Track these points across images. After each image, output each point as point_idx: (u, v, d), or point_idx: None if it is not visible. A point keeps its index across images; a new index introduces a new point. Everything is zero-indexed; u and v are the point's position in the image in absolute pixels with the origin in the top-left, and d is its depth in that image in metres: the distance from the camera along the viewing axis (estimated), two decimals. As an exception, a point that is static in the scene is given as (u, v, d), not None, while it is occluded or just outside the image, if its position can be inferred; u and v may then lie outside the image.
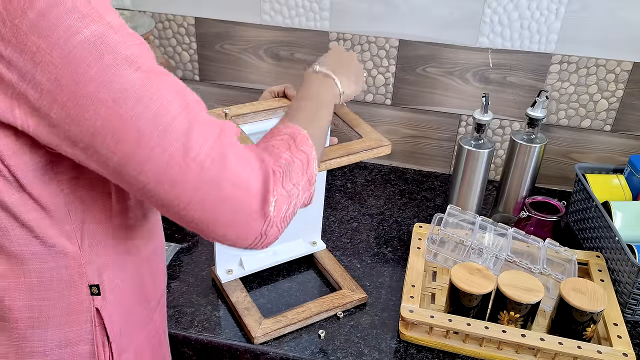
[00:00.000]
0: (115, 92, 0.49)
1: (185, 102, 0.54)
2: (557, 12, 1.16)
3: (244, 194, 0.55)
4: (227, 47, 1.35)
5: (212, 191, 0.54)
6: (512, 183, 1.17)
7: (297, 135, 0.64)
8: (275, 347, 0.90)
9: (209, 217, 0.55)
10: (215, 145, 0.54)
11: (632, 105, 1.22)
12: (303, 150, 0.63)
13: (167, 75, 0.54)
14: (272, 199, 0.57)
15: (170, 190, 0.53)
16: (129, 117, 0.50)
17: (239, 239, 0.57)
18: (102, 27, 0.49)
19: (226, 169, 0.54)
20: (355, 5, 1.24)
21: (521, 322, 0.88)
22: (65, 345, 0.63)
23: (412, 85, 1.30)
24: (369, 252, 1.11)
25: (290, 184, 0.59)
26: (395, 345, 0.91)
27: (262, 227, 0.57)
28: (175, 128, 0.52)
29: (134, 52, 0.51)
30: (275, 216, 0.57)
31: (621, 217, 1.03)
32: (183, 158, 0.52)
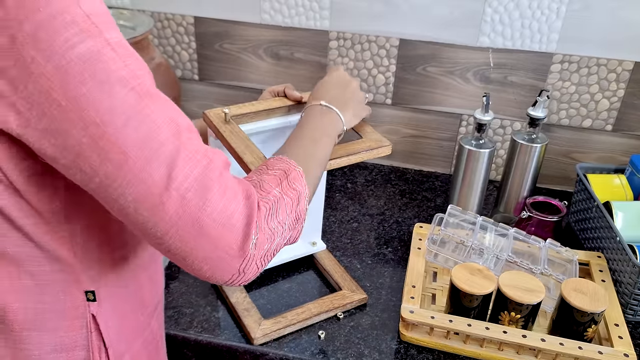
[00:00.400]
0: (105, 111, 0.49)
1: (177, 128, 0.52)
2: (558, 11, 1.16)
3: (224, 231, 0.53)
4: (226, 47, 1.35)
5: (191, 224, 0.52)
6: (513, 183, 1.17)
7: (291, 171, 0.63)
8: (275, 348, 0.89)
9: (186, 249, 0.53)
10: (201, 176, 0.53)
11: (633, 105, 1.21)
12: (295, 187, 0.62)
13: (160, 99, 0.53)
14: (254, 237, 0.55)
15: (149, 217, 0.52)
16: (116, 139, 0.49)
17: (215, 275, 0.56)
18: (100, 43, 0.48)
19: (208, 203, 0.52)
20: (355, 4, 1.24)
21: (522, 323, 0.88)
22: (60, 350, 0.63)
23: (413, 85, 1.30)
24: (369, 253, 1.10)
25: (275, 222, 0.58)
26: (396, 346, 0.90)
27: (240, 265, 0.55)
28: (162, 154, 0.51)
29: (129, 72, 0.50)
30: (255, 254, 0.56)
31: (622, 217, 1.03)
32: (165, 187, 0.51)
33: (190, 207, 0.52)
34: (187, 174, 0.52)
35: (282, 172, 0.62)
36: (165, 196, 0.51)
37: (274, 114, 0.90)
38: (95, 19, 0.49)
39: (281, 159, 0.64)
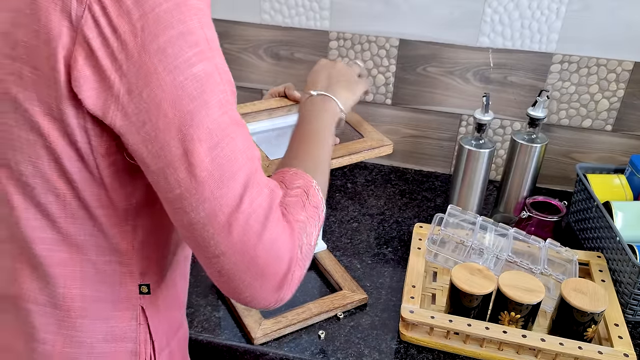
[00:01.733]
0: (203, 130, 0.52)
1: (252, 155, 0.56)
2: (558, 11, 1.16)
3: (273, 262, 0.56)
4: (226, 47, 1.35)
5: (247, 249, 0.55)
6: (512, 183, 1.17)
7: (309, 189, 0.64)
8: (275, 347, 0.89)
9: (236, 272, 0.56)
10: (264, 204, 0.56)
11: (633, 105, 1.22)
12: (315, 205, 0.64)
13: (243, 127, 0.56)
14: (295, 270, 0.58)
15: (215, 234, 0.54)
16: (205, 157, 0.52)
17: (253, 301, 0.58)
18: (212, 67, 0.53)
19: (265, 232, 0.55)
20: (355, 4, 1.24)
21: (522, 323, 0.88)
22: (111, 339, 0.65)
23: (413, 85, 1.30)
24: (369, 253, 1.11)
25: (307, 248, 0.61)
26: (396, 346, 0.90)
27: (278, 295, 0.58)
28: (238, 178, 0.54)
29: (227, 98, 0.54)
30: (292, 284, 0.59)
31: (622, 217, 1.03)
32: (235, 209, 0.54)
33: (250, 233, 0.54)
34: (253, 199, 0.55)
35: (302, 192, 0.63)
36: (233, 217, 0.54)
37: (275, 113, 0.91)
38: (212, 44, 0.54)
39: (297, 174, 0.65)
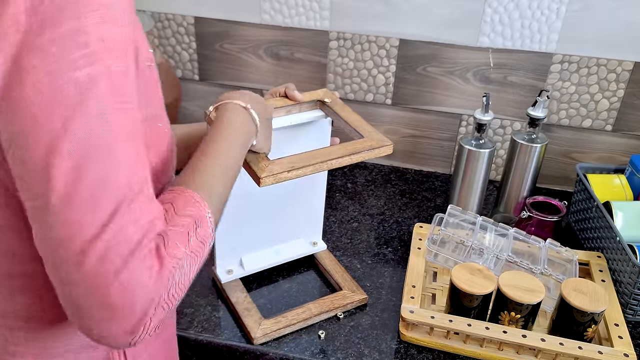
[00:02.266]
0: (75, 143, 0.47)
1: (132, 179, 0.50)
2: (558, 11, 1.16)
3: (127, 305, 0.50)
4: (226, 47, 1.35)
5: (100, 285, 0.48)
6: (512, 183, 1.17)
7: (202, 220, 0.57)
8: (275, 347, 0.89)
9: (85, 307, 0.49)
10: (133, 238, 0.49)
11: (633, 105, 1.22)
12: (202, 240, 0.57)
13: (132, 144, 0.51)
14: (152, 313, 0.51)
15: (66, 260, 0.48)
16: (73, 173, 0.47)
17: (102, 340, 0.52)
18: (101, 70, 0.47)
19: (124, 271, 0.49)
20: (355, 4, 1.24)
21: (522, 323, 0.88)
22: (81, 349, 0.64)
23: (413, 85, 1.30)
24: (369, 253, 1.11)
25: (177, 288, 0.54)
26: (396, 346, 0.90)
27: (130, 339, 0.52)
28: (106, 204, 0.48)
29: (115, 108, 0.49)
30: (149, 328, 0.52)
31: (622, 217, 1.03)
32: (94, 237, 0.48)
33: (106, 267, 0.48)
34: (120, 229, 0.49)
35: (191, 222, 0.56)
36: (90, 247, 0.48)
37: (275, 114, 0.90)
38: (108, 44, 0.48)
39: (193, 199, 0.58)
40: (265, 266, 1.03)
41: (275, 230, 1.03)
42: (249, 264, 1.01)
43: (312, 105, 0.93)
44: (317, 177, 1.00)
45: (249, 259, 1.02)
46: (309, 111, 0.93)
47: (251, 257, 1.02)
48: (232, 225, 0.96)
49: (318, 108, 0.94)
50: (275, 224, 1.02)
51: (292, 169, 0.76)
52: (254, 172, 0.75)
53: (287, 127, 0.91)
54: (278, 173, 0.74)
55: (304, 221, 1.05)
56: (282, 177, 0.75)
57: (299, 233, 1.07)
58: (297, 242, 1.07)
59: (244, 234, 0.99)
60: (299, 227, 1.06)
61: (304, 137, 0.94)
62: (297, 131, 0.93)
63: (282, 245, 1.05)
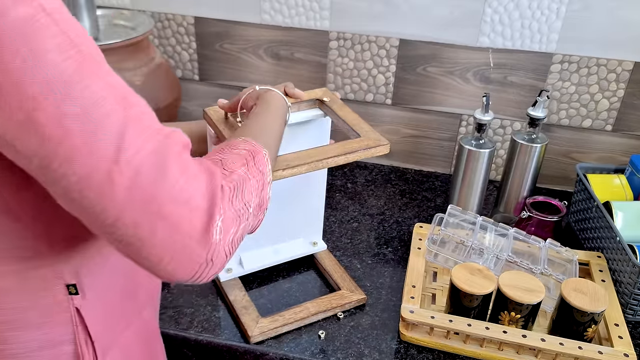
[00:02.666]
0: (41, 83, 0.44)
1: (123, 96, 0.47)
2: (558, 11, 1.16)
3: (185, 212, 0.47)
4: (226, 47, 1.35)
5: (146, 204, 0.46)
6: (512, 183, 1.17)
7: (258, 153, 0.58)
8: (275, 347, 0.89)
9: (142, 236, 0.47)
10: (156, 151, 0.47)
11: (633, 105, 1.21)
12: (261, 170, 0.57)
13: (103, 68, 0.48)
14: (219, 218, 0.49)
15: (96, 199, 0.46)
16: (54, 113, 0.44)
17: (178, 268, 0.49)
18: (34, 8, 0.44)
19: (166, 179, 0.46)
20: (355, 4, 1.24)
21: (522, 323, 0.88)
22: (47, 346, 0.62)
23: (413, 85, 1.30)
24: (370, 253, 1.10)
25: (241, 203, 0.53)
26: (396, 346, 0.90)
27: (206, 253, 0.49)
28: (108, 126, 0.45)
29: (66, 39, 0.45)
30: (222, 239, 0.50)
31: (622, 217, 1.03)
32: (114, 161, 0.45)
33: (144, 184, 0.45)
34: (139, 147, 0.46)
35: (248, 153, 0.57)
36: (115, 172, 0.45)
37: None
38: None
39: (246, 141, 0.60)
40: (264, 265, 1.03)
41: (275, 230, 1.03)
42: (249, 263, 1.01)
43: (311, 104, 0.93)
44: (317, 176, 1.00)
45: (249, 258, 1.02)
46: (307, 110, 0.93)
47: (251, 256, 1.02)
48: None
49: (317, 107, 0.94)
50: (275, 223, 1.02)
51: (287, 167, 0.76)
52: None
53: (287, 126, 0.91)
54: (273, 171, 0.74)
55: (304, 221, 1.05)
56: (277, 175, 0.75)
57: (299, 233, 1.07)
58: (297, 242, 1.07)
59: (244, 233, 0.99)
60: (299, 226, 1.06)
61: (302, 136, 0.94)
62: (295, 130, 0.93)
63: (282, 244, 1.05)
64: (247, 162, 0.56)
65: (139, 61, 1.19)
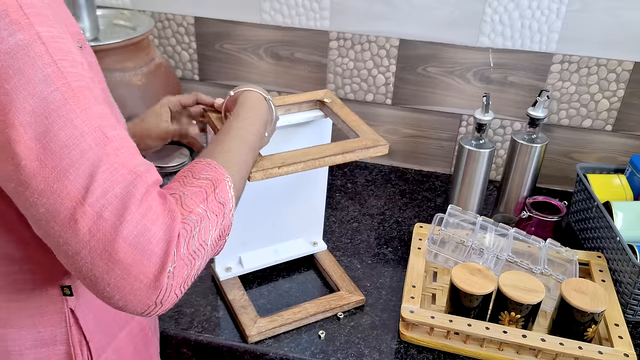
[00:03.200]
0: (25, 113, 0.45)
1: (103, 137, 0.49)
2: (558, 11, 1.16)
3: (139, 257, 0.49)
4: (226, 47, 1.35)
5: (103, 246, 0.48)
6: (513, 183, 1.17)
7: (220, 182, 0.57)
8: (275, 347, 0.89)
9: (97, 274, 0.49)
10: (122, 194, 0.48)
11: (633, 105, 1.22)
12: (222, 202, 0.57)
13: (89, 103, 0.49)
14: (171, 266, 0.50)
15: (61, 233, 0.48)
16: (33, 145, 0.46)
17: (127, 306, 0.50)
18: (30, 37, 0.46)
19: (125, 225, 0.48)
20: (355, 4, 1.24)
21: (522, 323, 0.88)
22: (40, 345, 0.63)
23: (413, 85, 1.30)
24: (370, 253, 1.11)
25: (197, 244, 0.53)
26: (396, 346, 0.90)
27: (156, 297, 0.50)
28: (82, 165, 0.47)
29: (56, 70, 0.47)
30: (173, 284, 0.51)
31: (622, 218, 1.03)
32: (80, 201, 0.47)
33: (105, 227, 0.47)
34: (106, 189, 0.48)
35: (209, 183, 0.56)
36: (79, 212, 0.47)
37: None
38: (28, 10, 0.46)
39: (209, 165, 0.59)
40: (264, 265, 1.03)
41: (275, 230, 1.03)
42: (248, 263, 1.01)
43: (311, 105, 0.93)
44: (317, 176, 1.00)
45: (249, 257, 1.02)
46: (308, 111, 0.93)
47: (251, 255, 1.02)
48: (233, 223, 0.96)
49: (317, 108, 0.94)
50: (275, 223, 1.02)
51: (283, 165, 0.76)
52: None
53: (286, 127, 0.91)
54: (268, 169, 0.74)
55: (305, 221, 1.05)
56: (273, 172, 0.75)
57: (299, 233, 1.07)
58: (297, 242, 1.07)
59: (244, 232, 0.99)
60: (299, 226, 1.06)
61: (303, 137, 0.94)
62: (296, 131, 0.93)
63: (282, 244, 1.05)
64: (207, 196, 0.56)
65: (139, 61, 1.19)
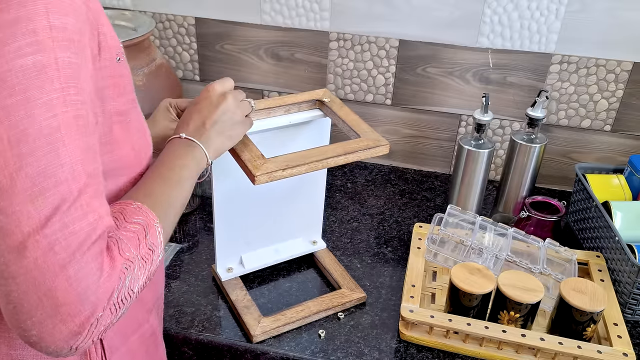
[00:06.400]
0: (17, 131, 0.46)
1: (81, 170, 0.49)
2: (557, 12, 1.16)
3: (74, 300, 0.48)
4: (227, 47, 1.35)
5: (43, 279, 0.47)
6: (512, 183, 1.17)
7: (150, 228, 0.57)
8: (276, 346, 0.90)
9: (24, 304, 0.47)
10: (82, 232, 0.48)
11: (632, 105, 1.22)
12: (152, 248, 0.57)
13: (79, 133, 0.49)
14: (99, 315, 0.50)
15: (4, 253, 0.47)
16: (12, 163, 0.46)
17: (40, 343, 0.49)
18: (47, 60, 0.47)
19: (73, 264, 0.47)
20: (355, 5, 1.24)
21: (521, 322, 0.88)
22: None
23: (412, 85, 1.30)
24: (369, 252, 1.11)
25: (125, 293, 0.53)
26: (396, 345, 0.91)
27: (74, 342, 0.50)
28: (50, 196, 0.47)
29: (61, 97, 0.47)
30: (94, 332, 0.50)
31: (621, 217, 1.03)
32: (36, 230, 0.46)
33: (52, 261, 0.47)
34: (66, 224, 0.47)
35: (140, 229, 0.56)
36: (31, 239, 0.46)
37: (274, 113, 0.91)
38: (56, 34, 0.47)
39: (140, 210, 0.58)
40: (265, 264, 1.03)
41: (275, 229, 1.03)
42: (249, 262, 1.02)
43: (311, 105, 0.94)
44: (317, 176, 1.01)
45: (249, 257, 1.02)
46: (307, 111, 0.93)
47: (251, 255, 1.03)
48: (233, 223, 0.96)
49: (317, 107, 0.94)
50: (275, 222, 1.03)
51: (287, 167, 0.76)
52: (249, 171, 0.75)
53: (286, 127, 0.91)
54: (273, 171, 0.75)
55: (304, 220, 1.06)
56: (277, 175, 0.75)
57: (299, 232, 1.07)
58: (297, 241, 1.07)
59: (244, 232, 1.00)
60: (299, 226, 1.06)
61: (302, 137, 0.95)
62: (295, 130, 0.94)
63: (282, 244, 1.06)
64: (139, 242, 0.55)
65: (140, 62, 1.19)
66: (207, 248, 1.10)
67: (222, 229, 0.96)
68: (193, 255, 1.08)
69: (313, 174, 0.99)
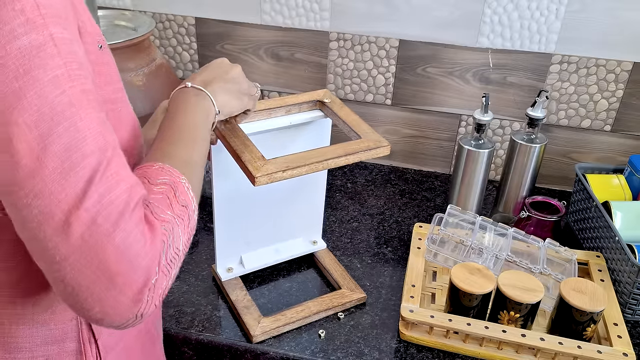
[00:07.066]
0: (31, 113, 0.45)
1: (103, 143, 0.49)
2: (557, 12, 1.16)
3: (126, 270, 0.48)
4: (227, 47, 1.35)
5: (94, 254, 0.47)
6: (512, 183, 1.17)
7: (177, 185, 0.57)
8: (276, 346, 0.90)
9: (81, 282, 0.48)
10: (118, 201, 0.48)
11: (632, 105, 1.22)
12: (184, 205, 0.56)
13: (93, 109, 0.49)
14: (154, 278, 0.50)
15: (52, 236, 0.46)
16: (35, 144, 0.45)
17: (105, 319, 0.50)
18: (43, 37, 0.46)
19: (118, 233, 0.47)
20: (355, 5, 1.24)
21: (521, 322, 0.88)
22: (51, 342, 0.63)
23: (412, 85, 1.30)
24: (369, 252, 1.11)
25: (172, 253, 0.53)
26: (396, 345, 0.91)
27: (137, 311, 0.50)
28: (83, 169, 0.47)
29: (66, 73, 0.47)
30: (154, 296, 0.51)
31: (621, 217, 1.03)
32: (76, 204, 0.46)
33: (98, 233, 0.47)
34: (102, 194, 0.47)
35: (168, 188, 0.56)
36: (73, 215, 0.46)
37: (274, 113, 0.91)
38: (44, 11, 0.46)
39: (163, 169, 0.58)
40: (265, 264, 1.03)
41: (275, 229, 1.03)
42: (249, 262, 1.02)
43: (311, 106, 0.94)
44: (317, 176, 1.01)
45: (249, 257, 1.02)
46: (308, 111, 0.93)
47: (251, 255, 1.03)
48: (233, 223, 0.97)
49: (317, 108, 0.94)
50: (275, 222, 1.03)
51: (287, 168, 0.76)
52: (249, 172, 0.75)
53: (286, 127, 0.91)
54: (273, 173, 0.75)
55: (304, 220, 1.06)
56: (277, 176, 0.75)
57: (299, 232, 1.07)
58: (297, 241, 1.07)
59: (245, 232, 1.00)
60: (299, 226, 1.06)
61: (303, 137, 0.95)
62: (296, 131, 0.94)
63: (282, 244, 1.06)
64: (170, 202, 0.55)
65: (140, 62, 1.19)
66: (207, 248, 1.10)
67: (222, 229, 0.96)
68: (193, 255, 1.08)
69: (313, 174, 0.99)
